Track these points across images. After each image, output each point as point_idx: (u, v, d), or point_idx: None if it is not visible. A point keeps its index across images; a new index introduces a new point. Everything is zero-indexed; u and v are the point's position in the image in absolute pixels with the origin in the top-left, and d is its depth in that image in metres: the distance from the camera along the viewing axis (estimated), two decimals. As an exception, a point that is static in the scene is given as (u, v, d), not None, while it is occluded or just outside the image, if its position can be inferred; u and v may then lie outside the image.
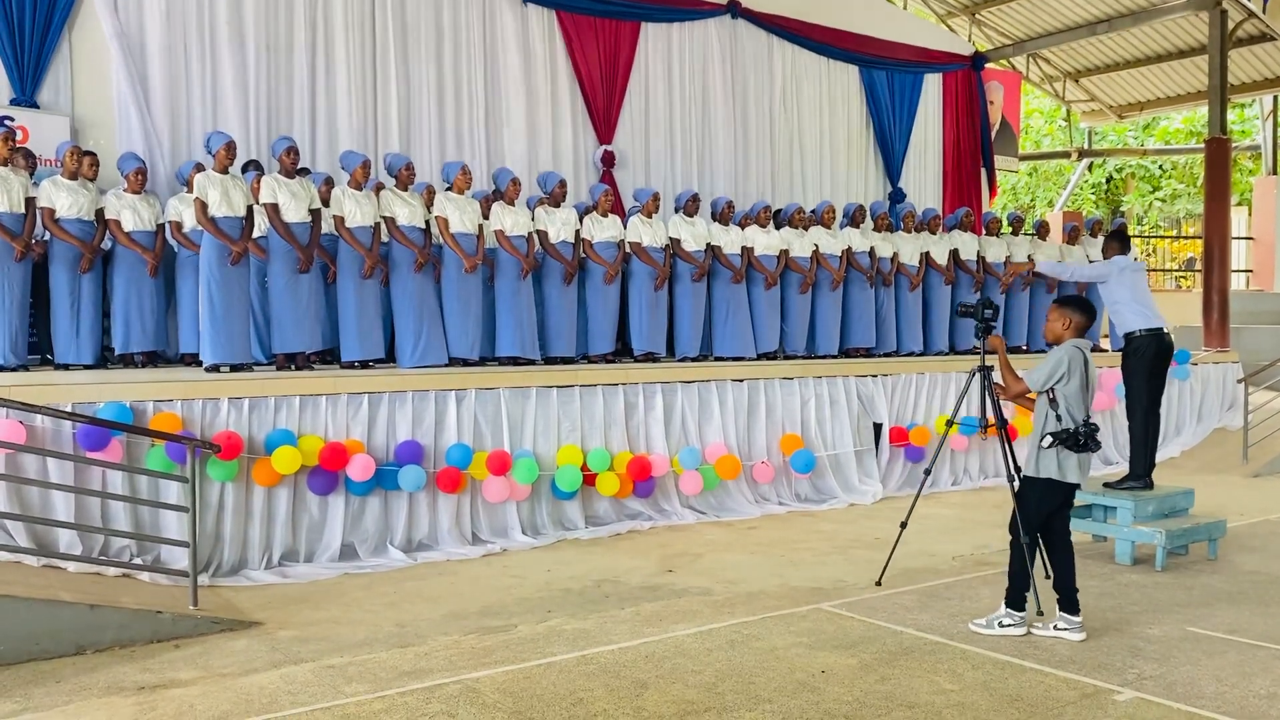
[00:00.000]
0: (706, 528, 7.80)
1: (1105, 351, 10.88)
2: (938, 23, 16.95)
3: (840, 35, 13.37)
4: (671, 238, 8.88)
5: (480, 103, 10.67)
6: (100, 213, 7.30)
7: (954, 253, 10.50)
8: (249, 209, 7.11)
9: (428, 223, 7.78)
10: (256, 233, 7.34)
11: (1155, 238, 25.86)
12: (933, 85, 14.61)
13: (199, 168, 7.49)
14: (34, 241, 7.06)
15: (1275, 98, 18.67)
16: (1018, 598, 5.05)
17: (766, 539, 7.39)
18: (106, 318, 7.45)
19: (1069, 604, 5.00)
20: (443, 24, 10.46)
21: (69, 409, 5.81)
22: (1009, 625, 5.01)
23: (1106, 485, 7.06)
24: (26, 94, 8.35)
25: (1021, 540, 5.01)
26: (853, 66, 13.70)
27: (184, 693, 4.32)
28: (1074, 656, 4.71)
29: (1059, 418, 4.95)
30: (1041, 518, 5.08)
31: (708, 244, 9.01)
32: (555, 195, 8.44)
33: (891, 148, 14.02)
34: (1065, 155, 23.38)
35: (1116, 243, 7.60)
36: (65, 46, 8.61)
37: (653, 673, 4.50)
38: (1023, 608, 5.04)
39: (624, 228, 8.74)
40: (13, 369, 6.74)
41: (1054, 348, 5.15)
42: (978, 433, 8.87)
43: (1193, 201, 25.70)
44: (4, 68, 8.29)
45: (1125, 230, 8.00)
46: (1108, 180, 27.74)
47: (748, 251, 9.22)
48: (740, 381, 8.58)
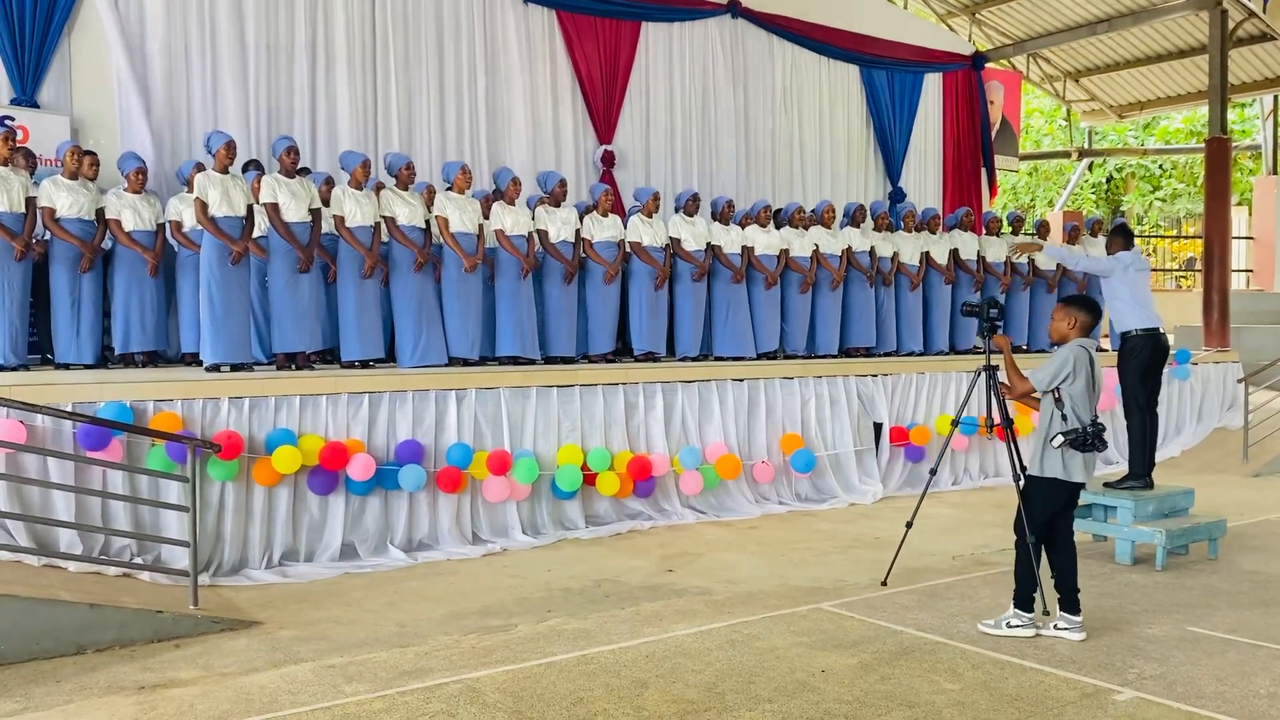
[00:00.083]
0: (707, 527, 7.80)
1: (1105, 351, 10.87)
2: (938, 22, 16.96)
3: (840, 35, 13.38)
4: (672, 237, 8.88)
5: (481, 102, 10.68)
6: (100, 212, 7.31)
7: (954, 252, 10.50)
8: (249, 209, 7.11)
9: (428, 222, 7.78)
10: (257, 232, 7.34)
11: (1155, 237, 25.87)
12: (933, 85, 14.61)
13: (199, 167, 7.49)
14: (34, 241, 7.06)
15: (1275, 97, 18.68)
16: (1025, 598, 5.03)
17: (767, 539, 7.39)
18: (107, 317, 7.45)
19: (1070, 604, 5.00)
20: (443, 23, 10.47)
21: (69, 409, 5.81)
22: (1018, 626, 5.00)
23: (1107, 485, 7.06)
24: (27, 94, 8.35)
25: (1027, 540, 5.01)
26: (853, 66, 13.71)
27: (184, 692, 4.32)
28: (1074, 656, 4.72)
29: (1064, 417, 4.94)
30: (1046, 517, 5.07)
31: (708, 244, 9.01)
32: (555, 195, 8.44)
33: (891, 147, 14.02)
34: (1065, 155, 23.39)
35: (1120, 238, 7.60)
36: (65, 46, 8.62)
37: (653, 672, 4.51)
38: (1031, 608, 5.02)
39: (624, 227, 8.74)
40: (13, 368, 6.75)
41: (1059, 347, 5.15)
42: (978, 431, 8.94)
43: (1193, 201, 25.70)
44: (4, 67, 8.30)
45: (1128, 226, 8.00)
46: (1108, 180, 27.74)
47: (748, 251, 9.22)
48: (740, 381, 8.58)
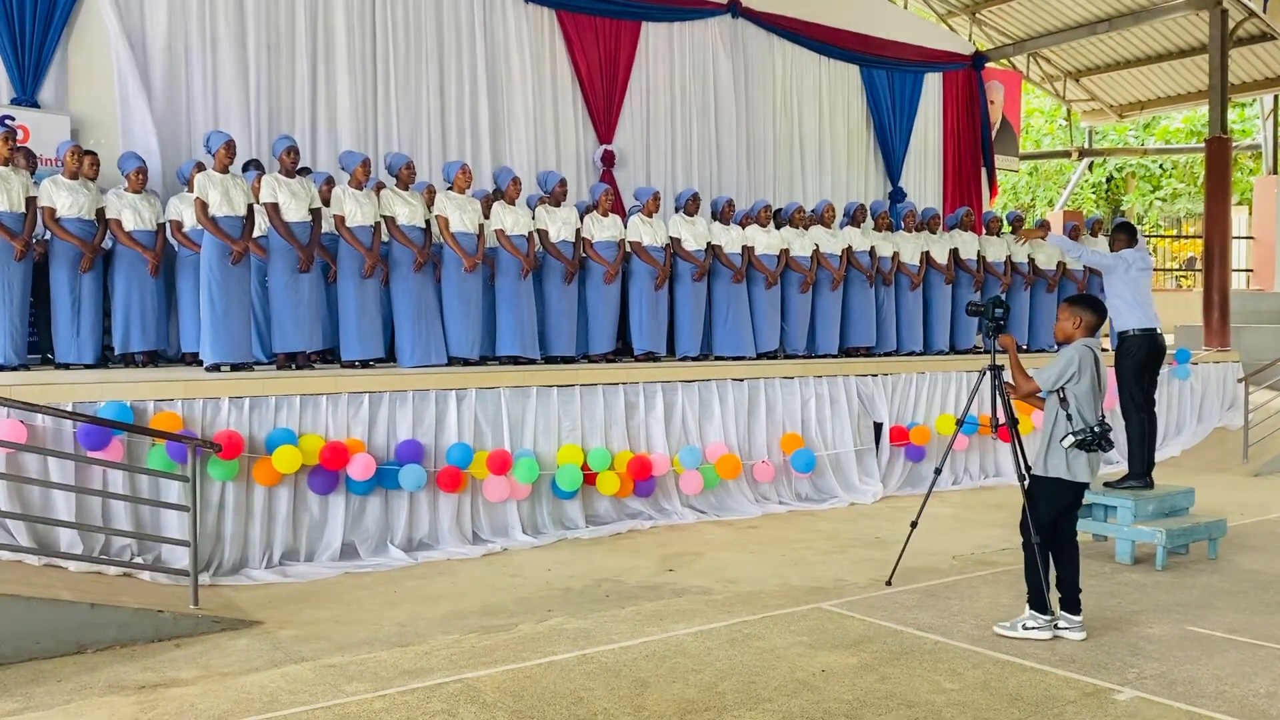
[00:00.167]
0: (707, 527, 7.80)
1: (1106, 351, 10.86)
2: (938, 22, 16.96)
3: (840, 35, 13.39)
4: (672, 237, 8.88)
5: (481, 102, 10.68)
6: (101, 212, 7.31)
7: (954, 252, 10.50)
8: (249, 208, 7.12)
9: (428, 222, 7.78)
10: (257, 232, 7.34)
11: (1156, 237, 25.87)
12: (933, 85, 14.62)
13: (199, 167, 7.50)
14: (34, 241, 7.06)
15: (1275, 97, 18.68)
16: (1040, 599, 4.97)
17: (767, 538, 7.39)
18: (107, 317, 7.45)
19: (1071, 603, 4.99)
20: (443, 23, 10.48)
21: (70, 408, 5.81)
22: (1034, 628, 4.95)
23: (1107, 484, 7.06)
24: (27, 93, 8.35)
25: (1032, 540, 4.99)
26: (853, 66, 13.71)
27: (185, 692, 4.32)
28: (1074, 655, 4.72)
29: (1069, 417, 4.93)
30: (1051, 517, 5.05)
31: (708, 243, 9.01)
32: (556, 194, 8.44)
33: (892, 147, 14.03)
34: (1065, 155, 23.38)
35: (1124, 235, 7.58)
36: (65, 46, 8.62)
37: (653, 672, 4.51)
38: (1047, 609, 4.96)
39: (624, 227, 8.75)
40: (13, 368, 6.75)
41: (1064, 347, 5.13)
42: (979, 430, 8.94)
43: (1193, 201, 25.72)
44: (4, 67, 8.31)
45: (1132, 224, 7.98)
46: (1108, 180, 27.75)
47: (748, 251, 9.22)
48: (740, 381, 8.57)
